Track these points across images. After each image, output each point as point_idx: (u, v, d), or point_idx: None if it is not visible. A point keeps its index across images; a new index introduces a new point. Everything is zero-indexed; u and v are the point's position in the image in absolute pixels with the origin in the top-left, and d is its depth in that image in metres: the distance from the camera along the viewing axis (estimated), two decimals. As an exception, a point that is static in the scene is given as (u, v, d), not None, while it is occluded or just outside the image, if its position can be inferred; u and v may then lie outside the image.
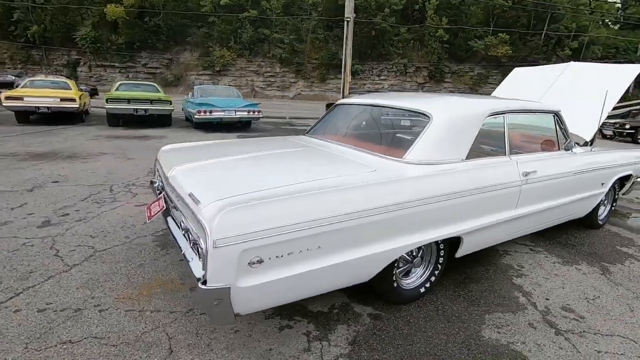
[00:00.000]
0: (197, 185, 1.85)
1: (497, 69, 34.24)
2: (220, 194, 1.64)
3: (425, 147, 2.24)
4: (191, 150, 2.78)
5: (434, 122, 2.29)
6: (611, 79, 3.89)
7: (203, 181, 1.93)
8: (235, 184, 1.82)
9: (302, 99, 32.07)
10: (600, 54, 33.91)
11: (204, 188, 1.78)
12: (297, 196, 1.68)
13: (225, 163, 2.28)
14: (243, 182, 1.87)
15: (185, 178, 2.02)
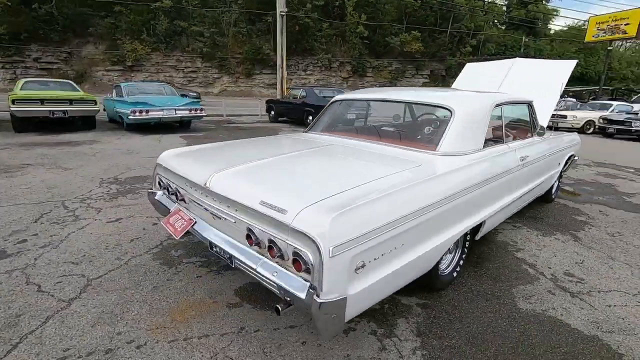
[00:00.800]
0: (263, 191, 1.69)
1: (412, 64, 37.05)
2: (307, 199, 1.53)
3: (454, 140, 2.36)
4: (207, 154, 2.52)
5: (457, 115, 2.42)
6: (553, 73, 4.52)
7: (267, 187, 1.77)
8: (308, 188, 1.72)
9: (228, 95, 30.79)
10: (493, 51, 38.81)
11: (277, 194, 1.64)
12: (386, 195, 1.64)
13: (269, 166, 2.11)
14: (313, 184, 1.77)
15: (239, 184, 1.83)
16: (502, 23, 43.56)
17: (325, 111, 3.31)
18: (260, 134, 9.63)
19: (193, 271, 2.55)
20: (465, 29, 36.65)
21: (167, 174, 2.39)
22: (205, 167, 2.12)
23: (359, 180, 1.79)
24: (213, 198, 1.91)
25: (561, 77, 4.40)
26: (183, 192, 2.21)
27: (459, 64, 37.81)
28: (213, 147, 2.75)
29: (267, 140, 3.10)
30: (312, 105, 10.41)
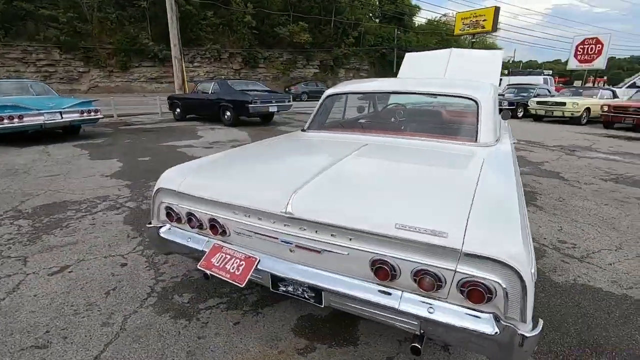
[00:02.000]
0: (390, 212, 1.37)
1: (302, 55, 37.66)
2: (458, 217, 1.28)
3: (487, 130, 2.36)
4: (236, 169, 2.00)
5: (483, 105, 2.43)
6: (486, 62, 5.01)
7: (384, 205, 1.44)
8: (433, 202, 1.45)
9: (101, 92, 26.40)
10: (373, 42, 42.18)
11: (412, 213, 1.35)
12: (517, 201, 1.50)
13: (341, 178, 1.74)
14: (432, 198, 1.51)
15: (340, 206, 1.45)
16: (376, 16, 47.44)
17: (325, 106, 2.99)
18: (178, 134, 8.47)
19: (224, 318, 2.02)
20: (347, 21, 38.79)
21: (190, 202, 1.80)
22: (265, 187, 1.65)
23: (466, 185, 1.61)
24: (301, 227, 1.49)
25: (495, 66, 4.91)
26: (228, 222, 1.69)
27: (345, 55, 40.09)
28: (228, 159, 2.21)
29: (284, 144, 2.63)
30: (229, 101, 9.59)
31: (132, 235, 3.06)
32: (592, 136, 9.48)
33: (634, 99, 10.87)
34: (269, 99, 9.69)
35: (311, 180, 1.63)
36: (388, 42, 43.38)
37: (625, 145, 8.32)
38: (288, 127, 10.04)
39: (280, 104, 10.00)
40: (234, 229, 1.69)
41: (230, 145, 7.16)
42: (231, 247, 1.71)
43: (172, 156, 6.15)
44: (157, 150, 6.73)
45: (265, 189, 1.64)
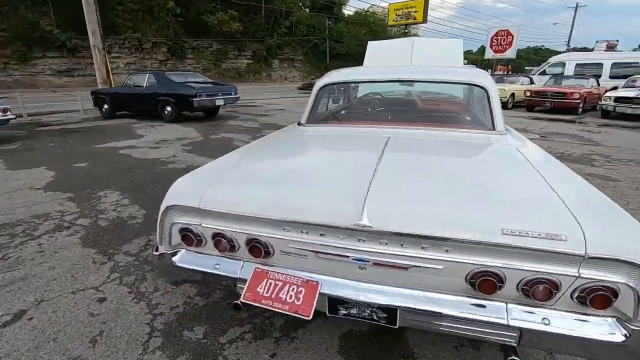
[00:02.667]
0: (484, 217, 1.20)
1: (233, 44, 36.07)
2: (563, 218, 1.17)
3: (499, 118, 2.32)
4: (265, 176, 1.67)
5: (491, 93, 2.38)
6: (448, 51, 5.12)
7: (476, 209, 1.26)
8: (521, 201, 1.31)
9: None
10: (305, 32, 41.94)
11: (513, 218, 1.19)
12: (601, 192, 1.42)
13: (404, 178, 1.52)
14: (513, 195, 1.37)
15: (425, 213, 1.24)
16: (306, 6, 47.16)
17: (321, 98, 2.72)
18: (112, 134, 7.42)
19: (256, 351, 1.71)
20: (278, 8, 37.94)
21: (218, 220, 1.44)
22: (323, 196, 1.38)
23: (535, 179, 1.51)
24: (381, 241, 1.25)
25: (458, 54, 5.04)
26: (274, 241, 1.39)
27: (278, 45, 39.32)
28: (249, 163, 1.86)
29: (302, 142, 2.30)
30: (170, 95, 8.68)
31: (99, 261, 2.52)
32: (522, 119, 10.46)
33: (549, 85, 12.24)
34: (214, 92, 8.99)
35: (373, 185, 1.39)
36: (320, 32, 43.51)
37: (550, 125, 9.31)
38: (240, 122, 9.45)
39: (227, 96, 9.35)
40: (281, 248, 1.40)
41: (181, 145, 6.49)
42: (279, 270, 1.41)
43: (117, 160, 5.35)
44: (94, 153, 5.82)
45: (325, 198, 1.37)
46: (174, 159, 5.45)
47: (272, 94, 20.32)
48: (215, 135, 7.40)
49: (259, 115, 10.89)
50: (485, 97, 2.37)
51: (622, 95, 10.17)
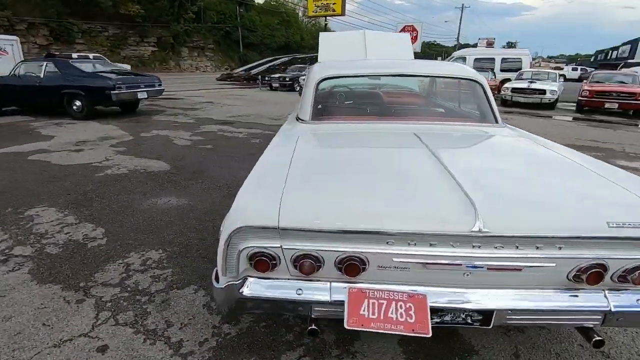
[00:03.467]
0: (587, 212, 1.25)
1: (134, 29, 32.41)
2: None
3: (497, 111, 2.48)
4: (345, 184, 1.48)
5: (485, 87, 2.52)
6: (398, 44, 5.29)
7: (576, 204, 1.30)
8: (609, 192, 1.40)
9: None
10: (215, 19, 39.71)
11: (612, 211, 1.26)
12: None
13: (483, 176, 1.49)
14: (589, 185, 1.46)
15: (540, 214, 1.24)
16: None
17: (320, 92, 2.55)
18: (6, 136, 5.98)
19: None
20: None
21: (304, 239, 1.23)
22: (426, 203, 1.27)
23: (585, 169, 1.64)
24: (497, 246, 1.21)
25: (408, 48, 5.24)
26: (373, 256, 1.24)
27: (186, 32, 36.54)
28: (309, 170, 1.61)
29: (337, 142, 2.13)
30: (80, 87, 7.35)
31: (73, 299, 2.02)
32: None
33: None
34: (136, 83, 7.92)
35: (466, 188, 1.33)
36: (231, 20, 41.60)
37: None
38: (169, 117, 8.52)
39: (150, 88, 8.33)
40: (380, 263, 1.26)
41: (110, 146, 5.58)
42: (378, 288, 1.28)
43: (31, 169, 4.35)
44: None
45: (429, 205, 1.27)
46: (108, 163, 4.66)
47: (188, 85, 18.83)
48: (147, 133, 6.55)
49: (187, 109, 9.98)
50: (482, 91, 2.49)
51: (517, 87, 11.88)
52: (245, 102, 12.08)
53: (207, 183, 3.96)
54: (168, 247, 2.60)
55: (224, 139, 6.22)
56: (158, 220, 3.03)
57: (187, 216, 3.13)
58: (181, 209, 3.28)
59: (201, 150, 5.42)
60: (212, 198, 3.54)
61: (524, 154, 1.98)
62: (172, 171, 4.35)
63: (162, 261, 2.42)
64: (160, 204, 3.38)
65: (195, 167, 4.55)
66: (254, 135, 6.59)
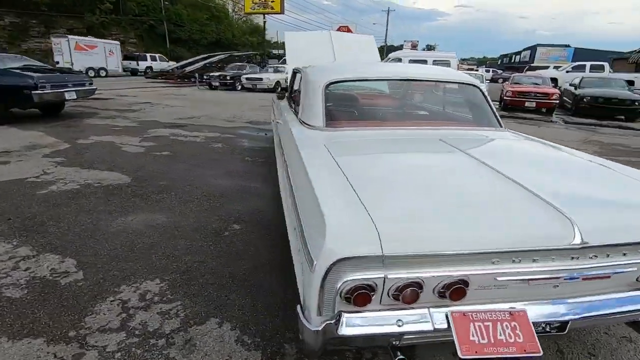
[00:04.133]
0: None
1: (38, 19, 28.42)
2: None
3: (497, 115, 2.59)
4: (426, 201, 1.37)
5: (484, 92, 2.63)
6: (364, 46, 5.32)
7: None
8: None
9: None
10: (137, 11, 36.56)
11: None
12: None
13: (540, 183, 1.50)
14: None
15: (621, 220, 1.28)
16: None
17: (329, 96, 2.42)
18: None
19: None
20: (97, -19, 31.65)
21: (408, 267, 1.11)
22: (520, 220, 1.24)
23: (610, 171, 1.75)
24: (592, 256, 1.22)
25: (374, 49, 5.31)
26: (476, 277, 1.17)
27: (102, 24, 33.03)
28: (377, 187, 1.46)
29: (373, 151, 1.99)
30: (15, 88, 6.14)
31: (68, 354, 1.64)
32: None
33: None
34: (63, 82, 6.87)
35: (546, 198, 1.33)
36: (155, 12, 38.61)
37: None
38: (105, 120, 7.55)
39: (80, 88, 7.29)
40: (480, 283, 1.20)
41: (43, 156, 4.74)
42: (476, 309, 1.21)
43: (-57, 188, 3.50)
44: None
45: (523, 221, 1.24)
46: (49, 177, 3.95)
47: (114, 84, 17.03)
48: (85, 140, 5.72)
49: (123, 110, 8.97)
50: (482, 96, 2.58)
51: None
52: (188, 103, 11.27)
53: (182, 195, 3.57)
54: (164, 275, 2.26)
55: (180, 144, 5.69)
56: (139, 244, 2.63)
57: (172, 235, 2.77)
58: (162, 227, 2.89)
59: (159, 158, 4.89)
60: (195, 212, 3.19)
61: (559, 159, 2.05)
62: (135, 184, 3.84)
63: (165, 293, 2.09)
64: (135, 223, 2.95)
65: (160, 177, 4.07)
66: (213, 139, 6.14)
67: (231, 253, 2.55)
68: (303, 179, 1.59)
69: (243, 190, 3.78)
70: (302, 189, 1.55)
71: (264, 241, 2.74)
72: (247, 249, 2.61)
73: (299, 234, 1.43)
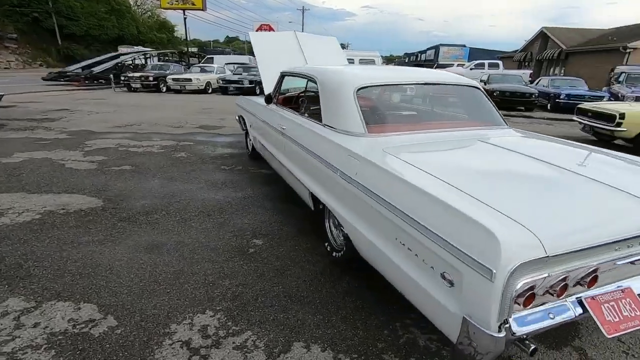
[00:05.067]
0: None
1: None
2: None
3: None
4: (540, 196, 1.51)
5: (485, 93, 2.89)
6: (329, 47, 5.36)
7: None
8: None
9: None
10: (16, 2, 31.26)
11: None
12: None
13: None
14: None
15: None
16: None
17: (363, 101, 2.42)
18: None
19: None
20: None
21: (563, 263, 1.21)
22: (629, 209, 1.42)
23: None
24: None
25: (339, 50, 5.39)
26: (605, 265, 1.32)
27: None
28: (484, 185, 1.51)
29: (452, 153, 2.08)
30: None
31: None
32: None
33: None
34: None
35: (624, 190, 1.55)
36: (39, 3, 33.31)
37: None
38: (22, 133, 6.31)
39: (-17, 95, 6.01)
40: (605, 269, 1.36)
41: (-37, 181, 3.82)
42: (599, 292, 1.37)
43: None
44: None
45: (630, 209, 1.43)
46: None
47: (4, 88, 14.30)
48: (9, 159, 4.74)
49: (38, 120, 7.63)
50: (484, 96, 2.83)
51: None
52: (114, 108, 10.04)
53: (175, 214, 3.22)
54: (214, 305, 2.04)
55: (138, 156, 5.08)
56: (161, 274, 2.32)
57: (193, 260, 2.50)
58: (174, 252, 2.59)
59: (120, 173, 4.30)
60: (201, 231, 2.91)
61: (580, 151, 2.28)
62: (111, 206, 3.34)
63: (227, 325, 1.90)
64: (139, 251, 2.58)
65: (136, 196, 3.60)
66: (172, 148, 5.60)
67: (270, 270, 2.41)
68: (407, 191, 1.58)
69: (240, 201, 3.56)
70: (413, 200, 1.53)
71: (299, 253, 2.63)
72: (284, 264, 2.48)
73: (423, 248, 1.44)
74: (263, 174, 4.43)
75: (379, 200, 1.71)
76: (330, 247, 2.54)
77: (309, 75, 2.97)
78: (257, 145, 4.31)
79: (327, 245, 2.57)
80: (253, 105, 4.33)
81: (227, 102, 11.76)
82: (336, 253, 2.46)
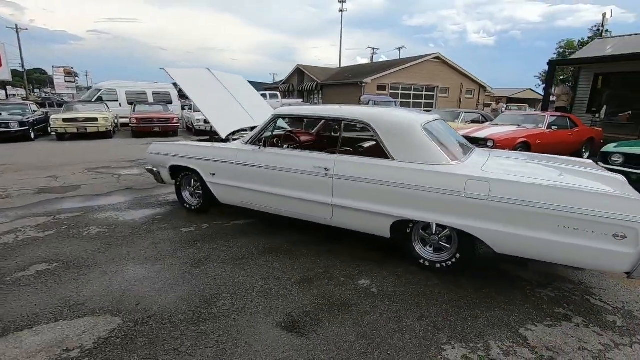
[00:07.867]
0: None
1: None
2: None
3: None
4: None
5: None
6: (245, 85, 5.33)
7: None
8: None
9: None
10: None
11: None
12: None
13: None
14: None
15: None
16: None
17: (426, 134, 2.95)
18: None
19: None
20: None
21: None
22: None
23: None
24: None
25: (248, 85, 5.50)
26: None
27: None
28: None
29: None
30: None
31: None
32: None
33: (140, 112, 12.83)
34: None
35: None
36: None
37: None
38: None
39: None
40: None
41: None
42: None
43: None
44: None
45: None
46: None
47: None
48: None
49: None
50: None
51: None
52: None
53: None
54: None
55: (105, 227, 3.28)
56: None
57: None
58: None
59: (95, 254, 2.80)
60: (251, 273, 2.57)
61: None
62: (129, 321, 2.25)
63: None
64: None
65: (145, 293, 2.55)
66: (144, 217, 3.91)
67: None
68: (550, 191, 2.39)
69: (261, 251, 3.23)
70: (565, 196, 2.32)
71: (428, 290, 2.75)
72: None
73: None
74: (241, 225, 3.96)
75: (537, 205, 2.36)
76: (428, 263, 2.94)
77: (357, 119, 3.20)
78: (229, 195, 3.80)
79: (424, 261, 2.96)
80: (220, 151, 3.79)
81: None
82: (440, 264, 2.90)
